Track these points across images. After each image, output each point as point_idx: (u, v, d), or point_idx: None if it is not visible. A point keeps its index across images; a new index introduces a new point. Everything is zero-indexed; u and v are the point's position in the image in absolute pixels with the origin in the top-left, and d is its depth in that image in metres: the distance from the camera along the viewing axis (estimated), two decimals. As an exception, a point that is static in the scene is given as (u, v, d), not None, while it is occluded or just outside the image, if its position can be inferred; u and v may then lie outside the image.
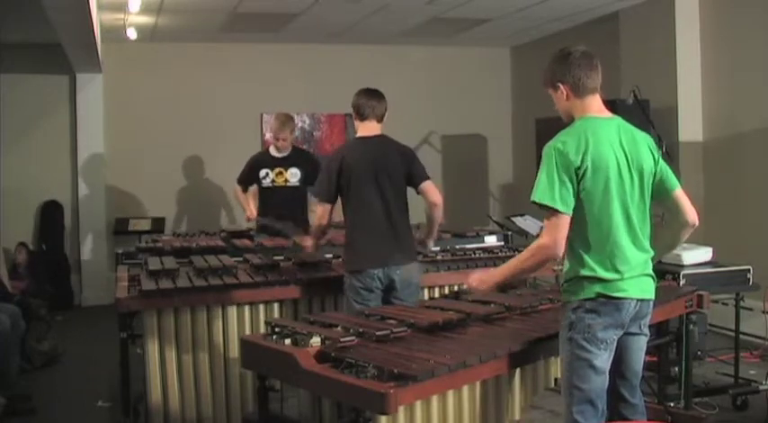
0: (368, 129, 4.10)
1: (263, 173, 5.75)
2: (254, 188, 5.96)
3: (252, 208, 5.93)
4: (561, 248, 2.71)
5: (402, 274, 4.00)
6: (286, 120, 5.76)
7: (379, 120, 4.10)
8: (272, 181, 5.69)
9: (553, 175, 2.69)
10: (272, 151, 5.83)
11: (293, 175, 5.72)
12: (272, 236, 5.52)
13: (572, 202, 2.69)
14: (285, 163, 5.74)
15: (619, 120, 2.86)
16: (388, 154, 4.07)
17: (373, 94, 4.10)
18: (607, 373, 2.77)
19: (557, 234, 2.69)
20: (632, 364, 2.89)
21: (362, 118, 4.10)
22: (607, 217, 2.72)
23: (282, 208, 5.59)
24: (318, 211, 4.15)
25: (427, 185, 4.10)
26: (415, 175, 4.09)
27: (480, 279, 3.07)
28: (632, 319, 2.79)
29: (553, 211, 2.68)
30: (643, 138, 2.87)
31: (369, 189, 4.01)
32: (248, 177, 5.87)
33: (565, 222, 2.70)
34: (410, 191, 4.14)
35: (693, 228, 2.95)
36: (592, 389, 2.73)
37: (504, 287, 3.52)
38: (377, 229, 4.01)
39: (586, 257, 2.73)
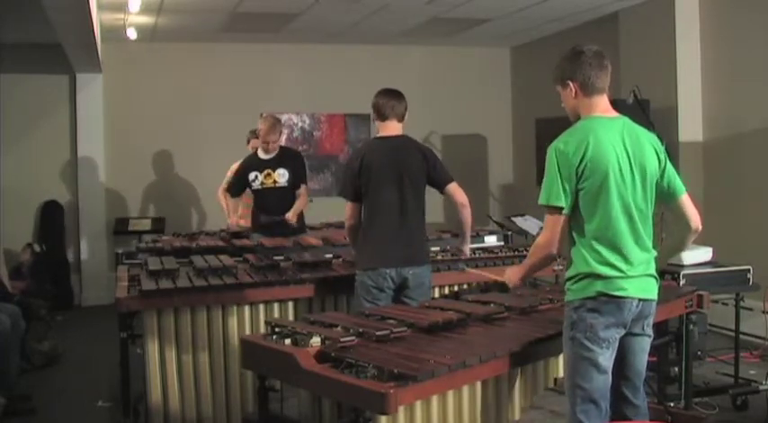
0: (388, 128, 4.10)
1: (252, 176, 5.74)
2: (244, 194, 5.96)
3: (234, 216, 5.98)
4: (556, 246, 2.78)
5: (414, 274, 4.01)
6: (275, 122, 5.75)
7: (400, 119, 4.11)
8: (262, 183, 5.67)
9: (553, 175, 2.73)
10: (260, 154, 5.81)
11: (281, 176, 5.71)
12: (271, 233, 5.54)
13: (569, 202, 2.72)
14: (273, 164, 5.71)
15: (624, 119, 2.86)
16: (408, 154, 4.07)
17: (393, 94, 4.12)
18: (610, 373, 2.77)
19: (552, 232, 2.77)
20: (636, 364, 2.89)
21: (383, 118, 4.10)
22: (607, 216, 2.73)
23: (273, 208, 5.60)
24: (347, 211, 4.14)
25: (453, 188, 4.11)
26: (438, 179, 4.10)
27: (508, 276, 3.23)
28: (635, 319, 2.78)
29: (550, 210, 2.75)
30: (648, 138, 2.86)
31: (386, 189, 4.01)
32: (239, 182, 5.84)
33: (560, 221, 2.75)
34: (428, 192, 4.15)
35: (696, 234, 2.96)
36: (595, 388, 2.73)
37: (504, 287, 3.52)
38: (392, 229, 4.01)
39: (587, 256, 2.74)
